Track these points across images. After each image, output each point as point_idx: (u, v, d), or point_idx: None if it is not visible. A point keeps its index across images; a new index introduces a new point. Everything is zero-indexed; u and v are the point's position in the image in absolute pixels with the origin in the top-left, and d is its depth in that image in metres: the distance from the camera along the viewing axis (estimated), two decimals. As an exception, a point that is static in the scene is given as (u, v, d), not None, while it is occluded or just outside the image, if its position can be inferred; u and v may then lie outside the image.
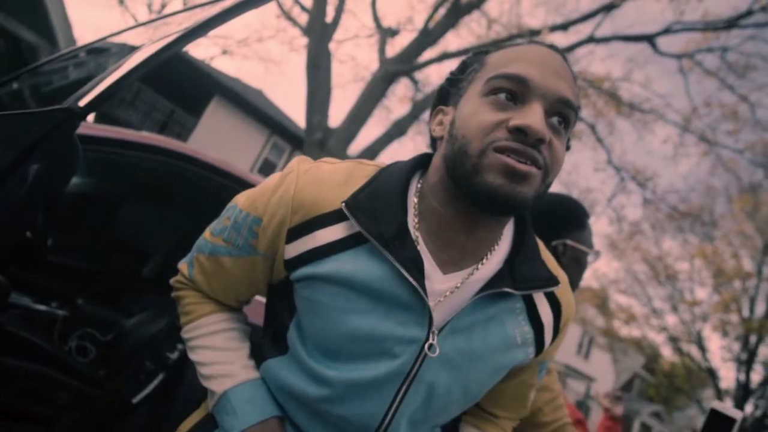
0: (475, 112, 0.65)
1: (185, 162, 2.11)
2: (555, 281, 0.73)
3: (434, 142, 0.76)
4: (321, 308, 0.68)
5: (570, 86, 0.67)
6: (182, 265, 0.86)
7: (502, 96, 0.65)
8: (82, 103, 0.79)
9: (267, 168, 15.61)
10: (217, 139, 14.20)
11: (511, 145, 0.61)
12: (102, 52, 1.48)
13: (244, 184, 2.25)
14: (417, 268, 0.65)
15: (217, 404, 0.75)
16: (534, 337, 0.75)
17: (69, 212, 2.88)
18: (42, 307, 2.39)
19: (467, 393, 0.73)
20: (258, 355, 0.82)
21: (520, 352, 0.74)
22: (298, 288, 0.72)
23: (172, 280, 0.89)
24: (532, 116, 0.61)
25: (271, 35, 20.61)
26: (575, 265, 1.24)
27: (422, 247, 0.69)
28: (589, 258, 1.27)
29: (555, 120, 0.66)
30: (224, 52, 23.75)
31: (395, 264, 0.65)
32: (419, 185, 0.73)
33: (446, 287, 0.69)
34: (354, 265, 0.66)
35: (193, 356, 0.80)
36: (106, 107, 12.84)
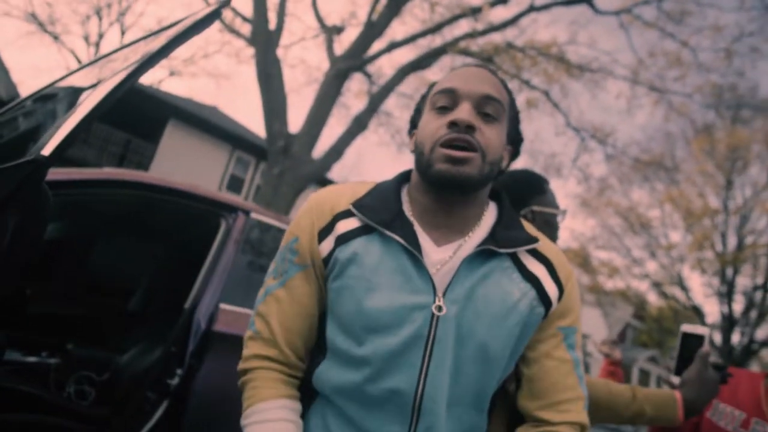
0: (426, 123, 0.86)
1: (150, 191, 2.11)
2: (534, 239, 0.85)
3: None
4: (348, 292, 0.81)
5: (492, 86, 0.84)
6: (246, 337, 0.90)
7: (441, 106, 0.84)
8: (46, 152, 0.82)
9: (235, 183, 15.46)
10: (180, 162, 13.99)
11: (450, 137, 0.79)
12: (50, 98, 1.48)
13: (214, 204, 2.27)
14: (414, 242, 0.80)
15: None
16: (536, 294, 0.82)
17: (42, 259, 2.85)
18: (33, 359, 2.38)
19: (486, 351, 0.78)
20: (309, 371, 0.88)
21: (524, 306, 0.81)
22: (331, 285, 0.84)
23: (238, 368, 0.88)
24: (460, 111, 0.80)
25: (216, 50, 20.27)
26: (547, 228, 1.33)
27: (417, 228, 0.84)
28: (558, 218, 1.36)
29: (484, 112, 0.83)
30: (172, 74, 23.30)
31: (396, 238, 0.79)
32: (407, 186, 0.93)
33: (442, 257, 0.82)
34: (367, 247, 0.82)
35: None
36: (59, 148, 12.50)
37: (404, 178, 0.94)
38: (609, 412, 1.16)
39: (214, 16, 1.12)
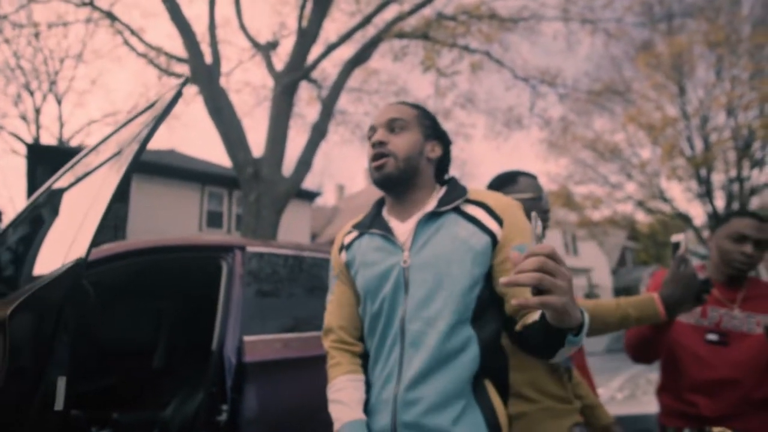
0: (368, 151, 1.23)
1: (149, 254, 2.24)
2: (463, 193, 1.17)
3: None
4: (357, 276, 1.21)
5: (395, 111, 1.21)
6: (323, 331, 1.30)
7: (369, 137, 1.24)
8: (82, 253, 0.97)
9: (214, 219, 15.45)
10: (154, 214, 13.94)
11: (372, 154, 1.20)
12: (43, 205, 1.61)
13: (211, 249, 2.42)
14: (386, 227, 1.19)
15: None
16: (479, 228, 1.11)
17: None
18: (85, 437, 2.50)
19: (445, 278, 1.07)
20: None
21: (473, 241, 1.09)
22: (353, 277, 1.24)
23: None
24: (375, 135, 1.20)
25: (156, 92, 20.08)
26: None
27: (389, 218, 1.23)
28: (536, 201, 1.55)
29: (391, 128, 1.20)
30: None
31: (373, 231, 1.20)
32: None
33: (406, 229, 1.17)
34: (360, 245, 1.23)
35: (330, 407, 1.17)
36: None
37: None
38: (599, 323, 1.33)
39: (178, 96, 1.27)
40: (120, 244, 2.23)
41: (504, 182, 1.62)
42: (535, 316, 0.97)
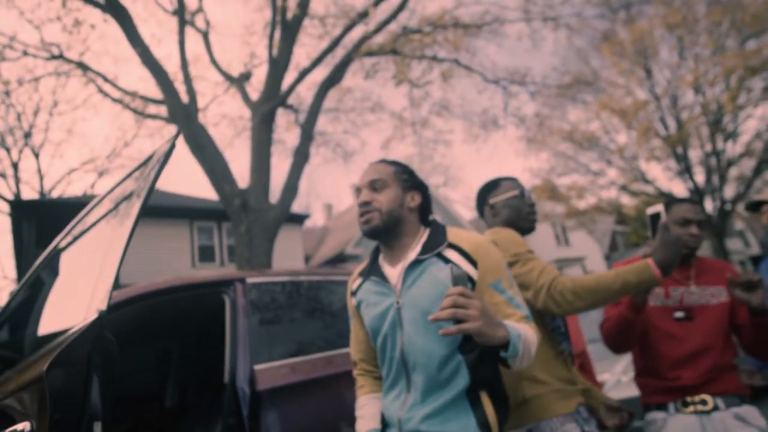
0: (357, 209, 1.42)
1: (152, 298, 2.32)
2: (443, 240, 1.34)
3: None
4: (364, 317, 1.41)
5: (376, 172, 1.41)
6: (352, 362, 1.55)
7: (356, 196, 1.42)
8: (103, 306, 1.07)
9: (206, 253, 15.44)
10: (145, 256, 13.90)
11: (360, 211, 1.39)
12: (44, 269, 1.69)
13: (212, 285, 2.50)
14: (381, 273, 1.38)
15: None
16: None
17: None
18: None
19: (428, 316, 1.20)
20: None
21: (447, 281, 1.24)
22: (362, 318, 1.44)
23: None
24: (360, 196, 1.40)
25: (134, 134, 20.10)
26: (509, 210, 1.77)
27: (383, 264, 1.41)
28: (516, 198, 1.76)
29: (374, 188, 1.39)
30: (101, 174, 22.94)
31: (372, 277, 1.40)
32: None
33: (397, 273, 1.35)
34: (364, 290, 1.43)
35: (356, 424, 1.42)
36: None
37: None
38: (602, 292, 1.44)
39: (171, 150, 1.38)
40: (122, 292, 2.30)
41: (489, 189, 1.84)
42: None
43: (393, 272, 1.36)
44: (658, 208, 1.62)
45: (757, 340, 1.69)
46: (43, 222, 13.47)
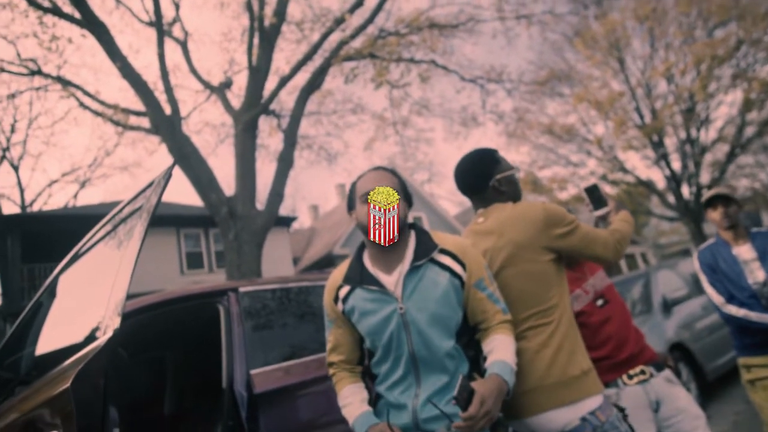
0: (363, 212, 1.48)
1: (149, 311, 2.44)
2: (435, 246, 1.46)
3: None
4: (358, 324, 1.48)
5: (388, 181, 1.48)
6: (327, 364, 1.60)
7: (366, 201, 1.46)
8: (116, 325, 1.21)
9: (194, 259, 15.46)
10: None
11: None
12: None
13: (206, 296, 2.63)
14: (377, 282, 1.44)
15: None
16: (450, 274, 1.44)
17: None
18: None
19: (436, 316, 1.40)
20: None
21: (448, 285, 1.42)
22: (354, 323, 1.49)
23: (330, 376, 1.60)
24: None
25: (116, 143, 19.99)
26: (512, 186, 1.80)
27: (375, 271, 1.47)
28: (516, 175, 1.85)
29: None
30: (83, 184, 22.74)
31: (369, 287, 1.44)
32: (366, 248, 1.55)
33: (393, 280, 1.44)
34: (356, 297, 1.47)
35: (342, 412, 1.50)
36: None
37: (363, 244, 1.60)
38: (605, 242, 1.65)
39: (168, 177, 1.52)
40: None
41: (490, 163, 1.77)
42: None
43: (389, 279, 1.44)
44: (592, 180, 1.98)
45: None
46: (26, 236, 13.39)
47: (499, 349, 1.40)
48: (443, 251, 1.47)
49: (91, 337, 1.31)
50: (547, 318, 1.52)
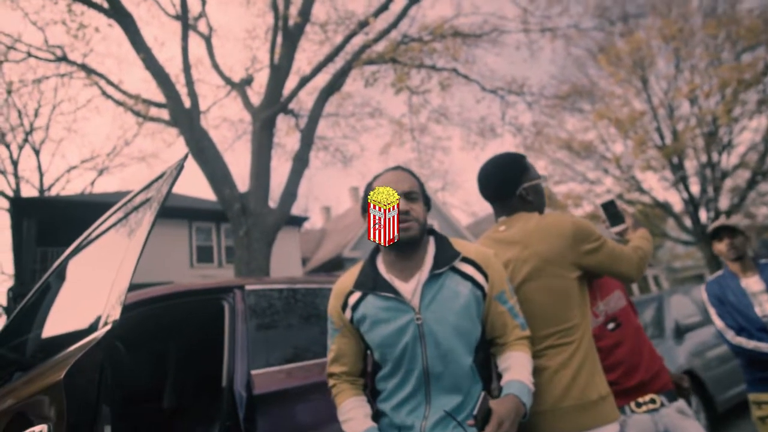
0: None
1: (156, 303, 2.43)
2: (457, 254, 1.38)
3: None
4: (369, 333, 1.37)
5: (408, 182, 1.40)
6: (327, 375, 1.50)
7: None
8: (116, 316, 1.18)
9: (204, 253, 15.53)
10: (145, 256, 13.91)
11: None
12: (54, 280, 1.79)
13: (212, 291, 2.61)
14: (393, 289, 1.34)
15: None
16: (471, 284, 1.35)
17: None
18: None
19: (456, 329, 1.30)
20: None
21: (469, 295, 1.33)
22: (361, 332, 1.40)
23: (329, 388, 1.48)
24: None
25: (135, 134, 20.22)
26: (539, 195, 1.72)
27: (390, 277, 1.37)
28: (543, 184, 1.78)
29: (409, 199, 1.37)
30: (101, 172, 23.03)
31: (383, 294, 1.34)
32: (380, 252, 1.47)
33: (411, 288, 1.34)
34: (367, 305, 1.37)
35: (344, 427, 1.39)
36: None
37: (377, 248, 1.51)
38: (629, 260, 1.58)
39: (180, 168, 1.49)
40: (130, 296, 2.40)
41: (519, 171, 1.68)
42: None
43: (406, 287, 1.35)
44: (609, 197, 1.88)
45: None
46: (43, 220, 13.55)
47: (517, 368, 1.32)
48: (465, 260, 1.38)
49: (92, 327, 1.28)
50: (569, 338, 1.45)
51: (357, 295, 1.40)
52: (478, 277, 1.36)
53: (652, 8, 14.63)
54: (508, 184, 1.67)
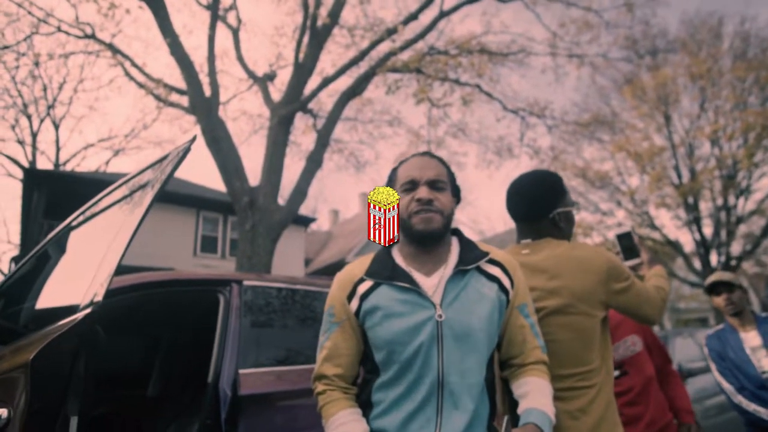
0: (402, 202, 1.26)
1: (152, 288, 2.36)
2: (485, 253, 1.26)
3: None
4: (378, 328, 1.19)
5: (434, 169, 1.27)
6: (314, 377, 1.30)
7: (407, 189, 1.26)
8: (99, 298, 1.10)
9: (209, 243, 15.51)
10: (150, 239, 14.00)
11: (419, 208, 1.22)
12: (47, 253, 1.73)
13: (209, 283, 2.54)
14: (413, 281, 1.19)
15: None
16: (498, 287, 1.23)
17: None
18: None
19: (478, 335, 1.16)
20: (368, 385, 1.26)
21: (494, 298, 1.21)
22: (366, 328, 1.23)
23: (314, 394, 1.28)
24: (421, 192, 1.23)
25: (154, 118, 20.33)
26: (569, 224, 1.61)
27: (410, 270, 1.23)
28: (574, 212, 1.68)
29: (436, 187, 1.25)
30: (117, 153, 23.16)
31: (401, 284, 1.19)
32: (397, 244, 1.32)
33: (433, 283, 1.20)
34: (380, 296, 1.21)
35: None
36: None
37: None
38: (653, 301, 1.48)
39: (186, 151, 1.42)
40: (122, 278, 2.33)
41: (557, 194, 1.57)
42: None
43: (428, 282, 1.20)
44: (627, 228, 1.80)
45: None
46: (53, 193, 13.62)
47: (536, 395, 1.20)
48: (492, 261, 1.27)
49: (73, 308, 1.21)
50: (589, 381, 1.34)
51: (369, 283, 1.24)
52: (505, 281, 1.25)
53: (682, 45, 14.52)
54: (542, 205, 1.55)
